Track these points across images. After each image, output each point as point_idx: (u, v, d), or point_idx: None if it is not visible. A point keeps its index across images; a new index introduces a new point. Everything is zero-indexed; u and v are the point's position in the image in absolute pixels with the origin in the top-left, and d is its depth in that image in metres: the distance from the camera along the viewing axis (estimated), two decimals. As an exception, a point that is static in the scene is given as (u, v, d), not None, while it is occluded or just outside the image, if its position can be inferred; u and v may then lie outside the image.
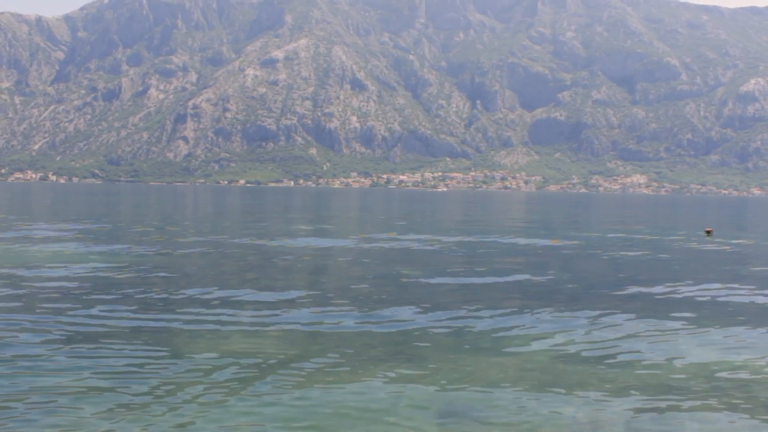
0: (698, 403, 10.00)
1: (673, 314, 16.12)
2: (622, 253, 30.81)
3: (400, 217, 62.85)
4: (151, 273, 21.34)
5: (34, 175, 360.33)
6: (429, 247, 31.38)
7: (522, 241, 35.66)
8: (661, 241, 37.89)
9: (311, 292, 18.40)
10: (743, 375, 11.54)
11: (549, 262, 26.67)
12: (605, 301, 17.85)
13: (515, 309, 16.25)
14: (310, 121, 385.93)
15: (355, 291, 18.71)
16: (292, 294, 17.84)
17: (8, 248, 27.03)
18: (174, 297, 17.05)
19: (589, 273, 24.18)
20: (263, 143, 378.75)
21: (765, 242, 41.53)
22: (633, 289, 19.99)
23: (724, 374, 11.51)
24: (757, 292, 20.21)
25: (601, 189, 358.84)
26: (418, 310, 15.99)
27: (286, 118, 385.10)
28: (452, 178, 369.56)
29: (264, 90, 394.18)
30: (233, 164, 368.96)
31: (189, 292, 17.63)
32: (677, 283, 21.20)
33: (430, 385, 10.55)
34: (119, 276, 20.46)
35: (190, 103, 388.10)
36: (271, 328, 13.96)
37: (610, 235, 41.70)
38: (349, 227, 47.99)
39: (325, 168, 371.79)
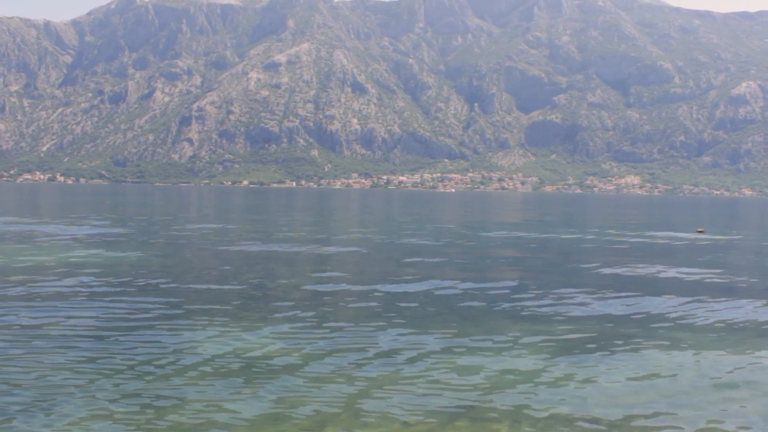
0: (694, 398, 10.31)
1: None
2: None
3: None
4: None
5: (42, 176, 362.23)
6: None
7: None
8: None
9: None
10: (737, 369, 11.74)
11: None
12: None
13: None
14: (311, 124, 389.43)
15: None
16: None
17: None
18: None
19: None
20: (266, 145, 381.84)
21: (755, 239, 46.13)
22: (626, 285, 21.48)
23: (718, 369, 11.83)
24: (742, 280, 21.55)
25: (595, 190, 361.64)
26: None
27: (288, 121, 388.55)
28: (450, 179, 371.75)
29: (267, 93, 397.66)
30: (237, 165, 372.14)
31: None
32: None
33: (432, 381, 10.82)
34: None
35: (195, 106, 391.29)
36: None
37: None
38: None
39: (326, 169, 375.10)
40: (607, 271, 25.19)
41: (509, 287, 20.64)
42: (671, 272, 24.98)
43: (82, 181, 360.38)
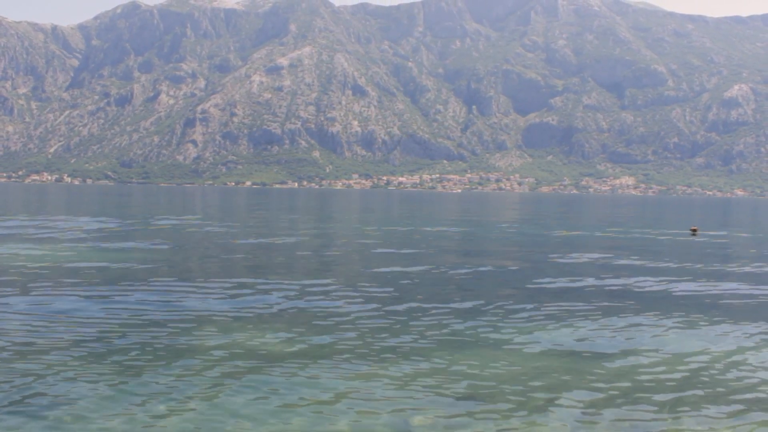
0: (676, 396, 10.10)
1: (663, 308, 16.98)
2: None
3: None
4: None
5: (49, 177, 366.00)
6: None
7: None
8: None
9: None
10: (734, 369, 11.58)
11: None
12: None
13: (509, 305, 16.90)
14: (313, 126, 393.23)
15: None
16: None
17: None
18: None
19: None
20: (269, 146, 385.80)
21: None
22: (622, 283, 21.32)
23: (717, 367, 11.67)
24: (738, 285, 21.56)
25: (591, 190, 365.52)
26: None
27: (290, 123, 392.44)
28: (449, 180, 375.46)
29: (269, 96, 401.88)
30: (240, 166, 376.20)
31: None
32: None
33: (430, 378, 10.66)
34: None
35: (199, 108, 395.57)
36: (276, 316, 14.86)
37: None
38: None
39: (327, 170, 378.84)
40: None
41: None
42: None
43: (89, 181, 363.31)
